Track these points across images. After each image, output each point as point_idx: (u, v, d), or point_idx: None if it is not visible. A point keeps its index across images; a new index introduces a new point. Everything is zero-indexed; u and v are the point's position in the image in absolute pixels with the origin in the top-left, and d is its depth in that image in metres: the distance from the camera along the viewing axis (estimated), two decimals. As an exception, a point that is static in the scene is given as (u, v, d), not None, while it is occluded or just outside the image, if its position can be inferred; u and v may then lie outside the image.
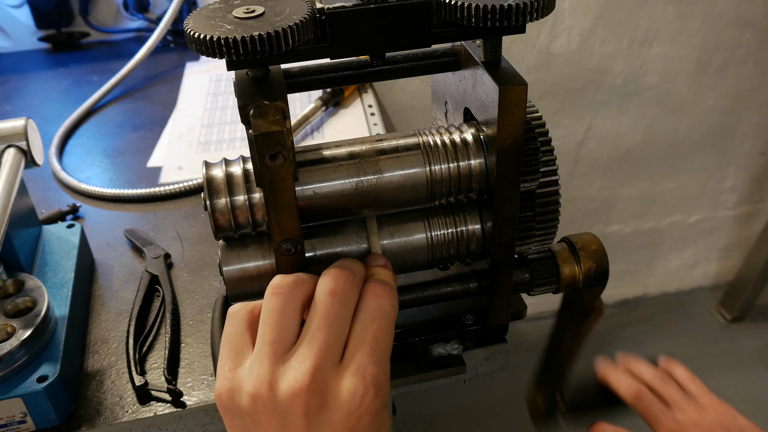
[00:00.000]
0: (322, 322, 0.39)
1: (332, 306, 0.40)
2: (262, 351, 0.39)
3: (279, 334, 0.39)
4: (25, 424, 0.56)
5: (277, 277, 0.41)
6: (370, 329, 0.40)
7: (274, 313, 0.39)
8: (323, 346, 0.38)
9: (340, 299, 0.40)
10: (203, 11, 0.41)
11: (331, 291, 0.40)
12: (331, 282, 0.40)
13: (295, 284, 0.41)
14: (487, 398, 1.75)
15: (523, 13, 0.40)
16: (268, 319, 0.39)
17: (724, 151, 1.79)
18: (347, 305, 0.40)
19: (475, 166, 0.47)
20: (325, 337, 0.39)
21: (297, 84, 0.49)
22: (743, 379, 1.80)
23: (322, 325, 0.39)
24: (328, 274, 0.41)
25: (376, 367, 0.39)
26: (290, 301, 0.40)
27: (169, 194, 0.85)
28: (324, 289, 0.40)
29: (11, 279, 0.61)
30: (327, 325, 0.39)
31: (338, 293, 0.40)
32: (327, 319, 0.39)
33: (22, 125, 0.62)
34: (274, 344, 0.39)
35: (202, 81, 1.15)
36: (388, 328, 0.41)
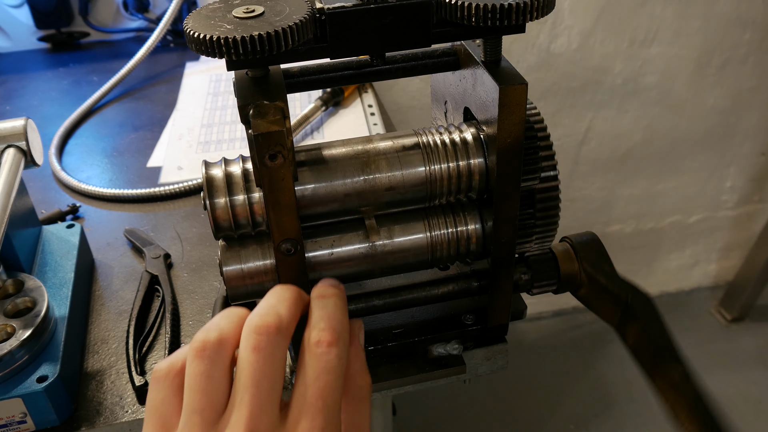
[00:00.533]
0: (249, 383, 0.35)
1: (257, 363, 0.36)
2: (191, 421, 0.36)
3: (207, 401, 0.36)
4: (25, 425, 0.56)
5: (199, 335, 0.37)
6: (314, 388, 0.36)
7: (199, 378, 0.36)
8: (255, 409, 0.35)
9: (265, 355, 0.36)
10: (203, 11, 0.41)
11: (254, 347, 0.36)
12: (252, 336, 0.36)
13: (219, 344, 0.37)
14: (487, 398, 1.75)
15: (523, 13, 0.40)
16: (194, 385, 0.36)
17: (724, 151, 1.79)
18: (275, 359, 0.36)
19: (475, 165, 0.47)
20: (255, 399, 0.35)
21: (297, 84, 0.49)
22: (743, 379, 1.80)
23: (250, 385, 0.35)
24: (250, 325, 0.37)
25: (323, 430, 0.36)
26: (216, 362, 0.36)
27: (169, 194, 0.85)
28: (247, 345, 0.36)
29: (11, 279, 0.61)
30: (254, 385, 0.35)
31: (261, 348, 0.36)
32: (254, 379, 0.35)
33: (21, 125, 0.62)
34: (203, 413, 0.35)
35: (202, 81, 1.15)
36: (334, 383, 0.37)
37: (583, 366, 1.85)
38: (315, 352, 0.37)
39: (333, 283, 0.42)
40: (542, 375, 1.83)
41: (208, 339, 0.37)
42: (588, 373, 1.83)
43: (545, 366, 1.86)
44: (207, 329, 0.38)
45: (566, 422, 1.71)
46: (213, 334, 0.37)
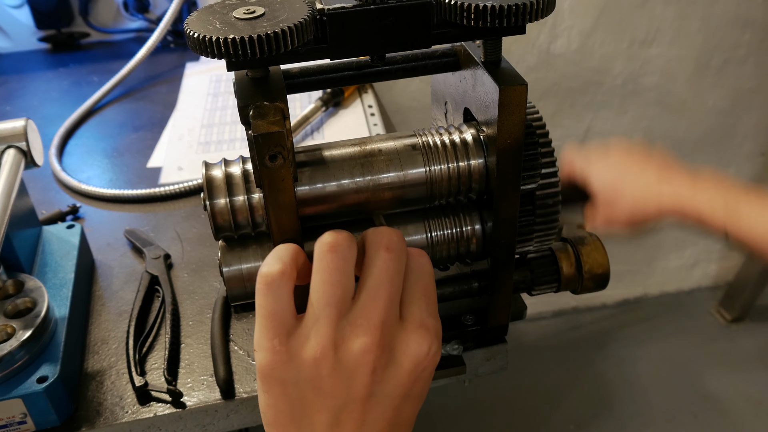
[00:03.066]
0: (384, 278, 0.38)
1: (391, 261, 0.39)
2: (323, 313, 0.37)
3: (342, 293, 0.38)
4: (25, 425, 0.56)
5: (328, 233, 0.39)
6: (419, 286, 0.40)
7: (335, 272, 0.38)
8: (387, 302, 0.38)
9: (397, 255, 0.39)
10: (203, 11, 0.41)
11: (388, 246, 0.39)
12: (386, 238, 0.39)
13: (350, 241, 0.39)
14: (487, 398, 1.75)
15: (523, 14, 0.40)
16: (329, 278, 0.38)
17: (724, 152, 1.79)
18: (402, 261, 0.40)
19: (475, 166, 0.47)
20: (388, 293, 0.38)
21: (297, 84, 0.49)
22: (743, 379, 1.80)
23: (385, 281, 0.38)
24: (379, 231, 0.40)
25: (435, 320, 0.40)
26: (348, 259, 0.38)
27: (169, 195, 0.85)
28: (381, 244, 0.39)
29: (11, 280, 0.61)
30: (389, 280, 0.38)
31: (394, 249, 0.39)
32: (388, 275, 0.38)
33: (22, 126, 0.62)
34: (338, 305, 0.37)
35: (202, 81, 1.15)
36: (432, 284, 0.41)
37: (583, 366, 1.85)
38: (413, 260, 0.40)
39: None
40: (542, 375, 1.83)
41: (339, 236, 0.39)
42: (588, 373, 1.83)
43: (545, 366, 1.86)
44: (332, 231, 0.39)
45: (566, 422, 1.71)
46: (343, 234, 0.39)
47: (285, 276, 0.38)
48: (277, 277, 0.38)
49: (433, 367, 0.40)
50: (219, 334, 0.63)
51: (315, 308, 0.38)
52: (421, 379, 0.39)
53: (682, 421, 1.70)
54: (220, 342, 0.63)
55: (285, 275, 0.38)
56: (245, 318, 0.66)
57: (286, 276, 0.38)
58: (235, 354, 0.63)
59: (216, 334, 0.63)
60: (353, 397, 0.37)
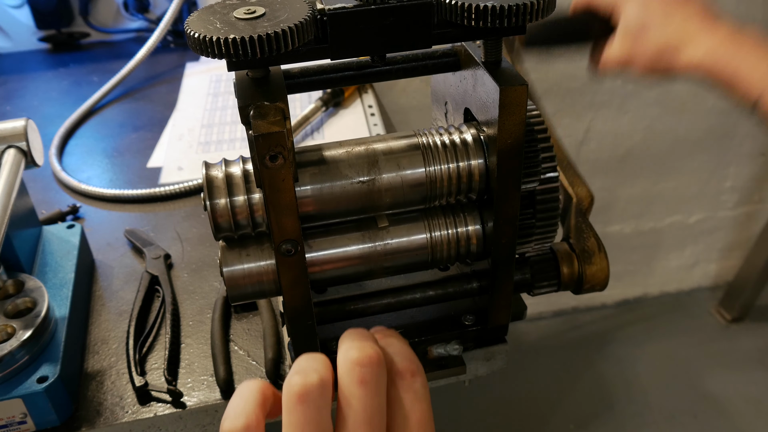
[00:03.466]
0: (361, 419, 0.33)
1: (367, 398, 0.34)
2: None
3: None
4: (26, 425, 0.56)
5: (296, 377, 0.33)
6: (413, 419, 0.35)
7: (306, 426, 0.33)
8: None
9: (373, 388, 0.34)
10: (203, 11, 0.41)
11: (361, 380, 0.34)
12: (357, 369, 0.34)
13: (322, 386, 0.34)
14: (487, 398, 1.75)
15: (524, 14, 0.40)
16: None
17: (724, 152, 1.79)
18: (381, 393, 0.34)
19: (476, 166, 0.47)
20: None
21: (297, 85, 0.49)
22: (743, 379, 1.80)
23: (362, 422, 0.33)
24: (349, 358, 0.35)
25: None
26: (322, 407, 0.33)
27: (169, 195, 0.85)
28: (353, 378, 0.34)
29: (11, 279, 0.61)
30: (367, 421, 0.33)
31: (369, 381, 0.34)
32: (365, 415, 0.33)
33: (22, 126, 0.62)
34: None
35: (202, 81, 1.15)
36: (429, 412, 0.36)
37: (583, 366, 1.85)
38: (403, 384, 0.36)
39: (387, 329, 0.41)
40: (542, 375, 1.83)
41: (309, 381, 0.33)
42: (588, 373, 1.83)
43: (545, 366, 1.86)
44: (302, 371, 0.34)
45: (566, 422, 1.71)
46: (314, 376, 0.34)
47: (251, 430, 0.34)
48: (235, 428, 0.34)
49: None
50: (219, 334, 0.63)
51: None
52: None
53: (682, 421, 1.70)
54: (220, 342, 0.63)
55: (250, 429, 0.34)
56: (245, 318, 0.66)
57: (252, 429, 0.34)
58: (235, 354, 0.63)
59: (216, 334, 0.63)
60: None
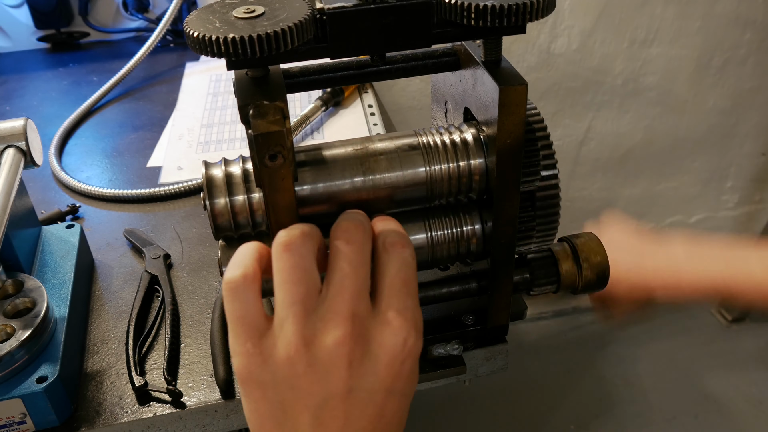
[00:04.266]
0: (348, 270, 0.38)
1: (353, 253, 0.38)
2: (290, 312, 0.37)
3: (305, 290, 0.37)
4: (25, 425, 0.56)
5: (282, 232, 0.39)
6: (398, 277, 0.39)
7: (294, 270, 0.37)
8: (354, 292, 0.37)
9: (359, 246, 0.39)
10: (203, 11, 0.41)
11: (347, 239, 0.39)
12: (345, 233, 0.39)
13: (305, 236, 0.39)
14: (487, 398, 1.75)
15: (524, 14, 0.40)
16: (288, 278, 0.37)
17: (725, 152, 1.79)
18: (365, 252, 0.39)
19: (475, 166, 0.46)
20: (354, 284, 0.37)
21: (297, 84, 0.49)
22: (743, 379, 1.79)
23: (349, 273, 0.38)
24: (340, 225, 0.40)
25: (413, 312, 0.39)
26: (306, 255, 0.38)
27: (169, 194, 0.85)
28: (341, 236, 0.39)
29: (11, 279, 0.61)
30: (353, 272, 0.38)
31: (356, 241, 0.39)
32: (351, 267, 0.38)
33: (21, 125, 0.62)
34: (304, 302, 0.37)
35: (202, 81, 1.15)
36: (414, 276, 0.40)
37: (583, 366, 1.85)
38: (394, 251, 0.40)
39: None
40: (542, 375, 1.83)
41: (293, 233, 0.38)
42: (588, 373, 1.83)
43: (545, 366, 1.86)
44: (287, 229, 0.39)
45: (567, 422, 1.71)
46: (297, 230, 0.39)
47: (248, 279, 0.38)
48: (240, 281, 0.38)
49: (412, 360, 0.39)
50: (219, 334, 0.63)
51: (280, 309, 0.37)
52: (402, 375, 0.38)
53: (683, 421, 1.70)
54: (220, 342, 0.62)
55: (248, 278, 0.38)
56: (245, 318, 0.66)
57: (249, 279, 0.38)
58: (235, 354, 0.62)
59: (216, 334, 0.63)
60: (332, 393, 0.37)
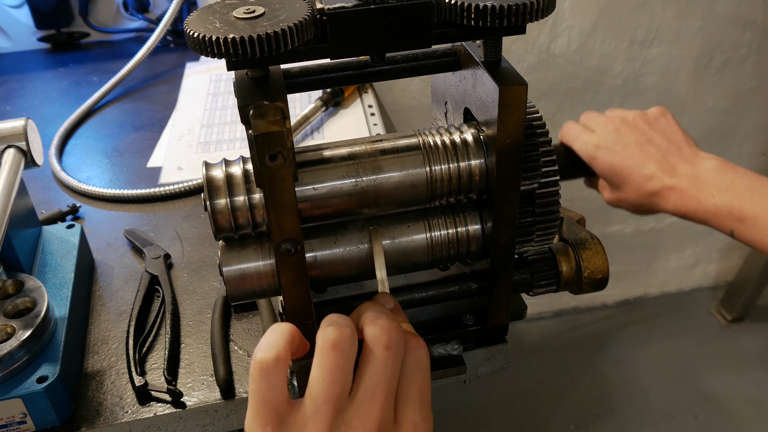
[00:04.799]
0: (381, 379, 0.38)
1: (389, 361, 0.38)
2: (320, 410, 0.37)
3: (340, 392, 0.37)
4: (25, 425, 0.56)
5: (331, 328, 0.38)
6: (414, 384, 0.39)
7: (336, 370, 0.37)
8: (384, 403, 0.38)
9: (395, 353, 0.39)
10: (203, 11, 0.41)
11: (387, 345, 0.39)
12: (385, 335, 0.39)
13: (353, 338, 0.39)
14: (487, 398, 1.75)
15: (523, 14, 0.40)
16: (329, 376, 0.37)
17: (725, 152, 1.79)
18: (400, 359, 0.39)
19: (475, 166, 0.47)
20: (385, 394, 0.38)
21: (297, 84, 0.49)
22: (743, 379, 1.79)
23: (382, 382, 0.38)
24: (378, 324, 0.40)
25: (428, 423, 0.39)
26: (350, 357, 0.38)
27: (169, 194, 0.85)
28: (380, 342, 0.39)
29: (11, 279, 0.61)
30: (386, 381, 0.38)
31: (393, 347, 0.39)
32: (386, 375, 0.38)
33: (21, 125, 0.62)
34: (335, 403, 0.37)
35: (202, 81, 1.15)
36: (428, 381, 0.40)
37: (583, 366, 1.85)
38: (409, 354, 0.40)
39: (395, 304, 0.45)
40: (542, 375, 1.83)
41: (344, 333, 0.38)
42: (588, 373, 1.83)
43: (545, 366, 1.86)
44: (337, 324, 0.39)
45: (567, 422, 1.71)
46: (348, 330, 0.38)
47: (280, 362, 0.38)
48: (271, 364, 0.38)
49: None
50: (219, 334, 0.63)
51: (311, 404, 0.37)
52: None
53: (683, 422, 1.70)
54: (220, 342, 0.62)
55: (280, 362, 0.38)
56: (245, 318, 0.66)
57: (281, 362, 0.38)
58: (235, 354, 0.62)
59: (216, 334, 0.63)
60: None
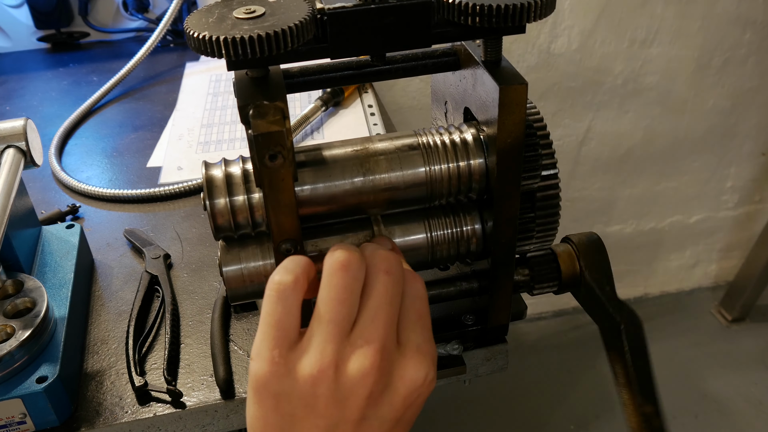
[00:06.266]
0: (383, 301, 0.38)
1: (390, 284, 0.39)
2: (326, 330, 0.37)
3: (346, 313, 0.37)
4: (25, 425, 0.56)
5: (340, 251, 0.39)
6: (414, 310, 0.40)
7: (344, 290, 0.38)
8: (387, 325, 0.38)
9: (395, 278, 0.39)
10: (203, 11, 0.41)
11: (386, 270, 0.39)
12: (384, 262, 0.40)
13: (361, 261, 0.39)
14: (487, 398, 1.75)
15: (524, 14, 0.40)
16: (337, 296, 0.37)
17: (725, 152, 1.79)
18: (400, 284, 0.40)
19: (475, 166, 0.46)
20: (387, 316, 0.38)
21: (297, 84, 0.49)
22: (743, 379, 1.79)
23: (384, 303, 0.38)
24: (378, 253, 0.40)
25: (431, 346, 0.40)
26: (357, 279, 0.38)
27: (169, 194, 0.85)
28: (381, 267, 0.39)
29: (11, 279, 0.61)
30: (388, 303, 0.38)
31: (393, 272, 0.39)
32: (387, 297, 0.38)
33: (21, 125, 0.62)
34: (340, 324, 0.37)
35: (201, 81, 1.15)
36: (427, 308, 0.41)
37: (583, 366, 1.85)
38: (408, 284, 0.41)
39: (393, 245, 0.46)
40: (542, 375, 1.83)
41: (353, 256, 0.39)
42: (588, 373, 1.83)
43: (545, 366, 1.86)
44: (345, 248, 0.39)
45: (567, 422, 1.71)
46: (356, 254, 0.39)
47: (298, 286, 0.38)
48: (290, 286, 0.38)
49: (427, 393, 0.40)
50: (219, 334, 0.63)
51: (317, 324, 0.37)
52: (414, 405, 0.39)
53: (683, 422, 1.70)
54: (220, 342, 0.62)
55: (298, 285, 0.38)
56: (245, 318, 0.66)
57: (299, 286, 0.38)
58: (235, 354, 0.62)
59: (216, 334, 0.63)
60: (346, 418, 0.37)
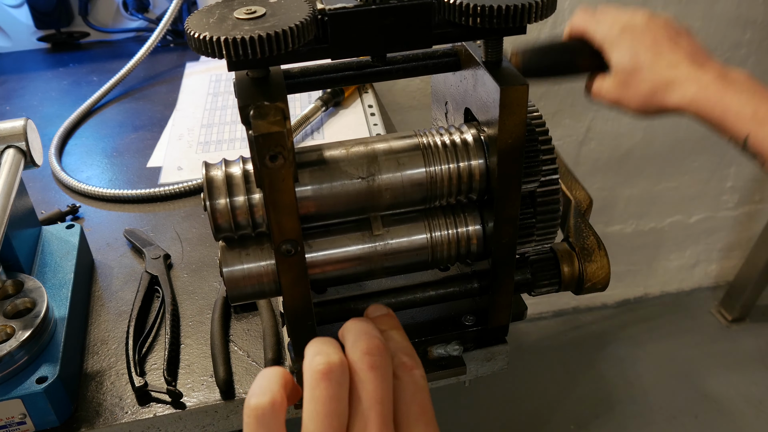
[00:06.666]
0: (374, 401, 0.36)
1: (378, 381, 0.37)
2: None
3: (338, 423, 0.35)
4: (25, 425, 0.56)
5: (320, 357, 0.37)
6: (416, 405, 0.38)
7: (330, 401, 0.35)
8: (382, 425, 0.36)
9: (381, 372, 0.37)
10: (204, 11, 0.40)
11: (371, 366, 0.37)
12: (367, 357, 0.37)
13: (342, 366, 0.37)
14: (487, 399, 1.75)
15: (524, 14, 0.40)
16: (323, 409, 0.35)
17: (725, 152, 1.79)
18: (388, 378, 0.38)
19: (476, 166, 0.46)
20: (380, 417, 0.36)
21: (297, 84, 0.49)
22: (744, 379, 1.80)
23: (375, 403, 0.36)
24: (358, 347, 0.38)
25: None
26: (341, 385, 0.36)
27: (169, 195, 0.85)
28: (362, 365, 0.37)
29: (11, 280, 0.61)
30: (379, 402, 0.36)
31: (377, 366, 0.37)
32: (377, 396, 0.36)
33: (21, 125, 0.62)
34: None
35: (202, 81, 1.14)
36: (429, 400, 0.39)
37: (583, 366, 1.85)
38: (405, 375, 0.39)
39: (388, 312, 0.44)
40: (542, 375, 1.83)
41: (332, 359, 0.36)
42: (588, 373, 1.83)
43: (545, 366, 1.86)
44: (324, 351, 0.37)
45: (566, 422, 1.71)
46: (335, 357, 0.37)
47: (276, 407, 0.36)
48: (268, 409, 0.35)
49: None
50: (219, 335, 0.63)
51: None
52: None
53: (683, 422, 1.70)
54: (220, 342, 0.62)
55: (276, 406, 0.36)
56: (245, 318, 0.66)
57: (277, 407, 0.36)
58: (235, 354, 0.62)
59: (216, 335, 0.63)
60: None
